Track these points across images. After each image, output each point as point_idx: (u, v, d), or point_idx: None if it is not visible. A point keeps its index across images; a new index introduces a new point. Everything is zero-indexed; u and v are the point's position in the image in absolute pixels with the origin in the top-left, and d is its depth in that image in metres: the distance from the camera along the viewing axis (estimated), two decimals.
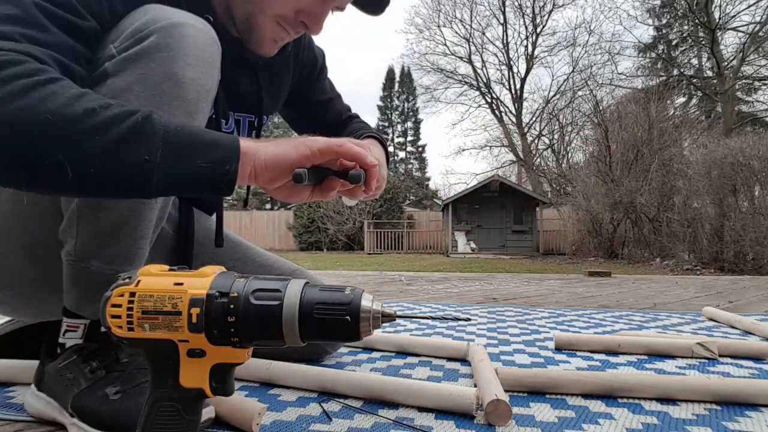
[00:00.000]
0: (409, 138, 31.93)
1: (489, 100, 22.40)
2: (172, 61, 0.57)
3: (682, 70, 18.22)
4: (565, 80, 20.95)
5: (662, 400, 0.72)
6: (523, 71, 21.78)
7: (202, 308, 0.40)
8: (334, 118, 1.05)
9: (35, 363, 0.67)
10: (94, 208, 0.59)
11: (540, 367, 0.94)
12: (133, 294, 0.41)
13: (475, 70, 22.25)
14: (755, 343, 1.04)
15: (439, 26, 22.74)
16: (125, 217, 0.59)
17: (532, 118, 21.63)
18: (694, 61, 18.67)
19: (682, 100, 18.30)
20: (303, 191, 0.58)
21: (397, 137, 31.99)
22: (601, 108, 14.48)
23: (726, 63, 16.37)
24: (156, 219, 0.64)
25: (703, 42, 17.24)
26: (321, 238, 15.63)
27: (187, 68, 0.58)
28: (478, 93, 22.64)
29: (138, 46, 0.57)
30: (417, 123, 31.82)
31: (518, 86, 21.70)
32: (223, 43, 0.69)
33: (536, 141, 21.42)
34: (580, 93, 19.01)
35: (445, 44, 22.64)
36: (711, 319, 1.53)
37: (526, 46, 21.75)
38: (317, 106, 1.02)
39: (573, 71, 20.57)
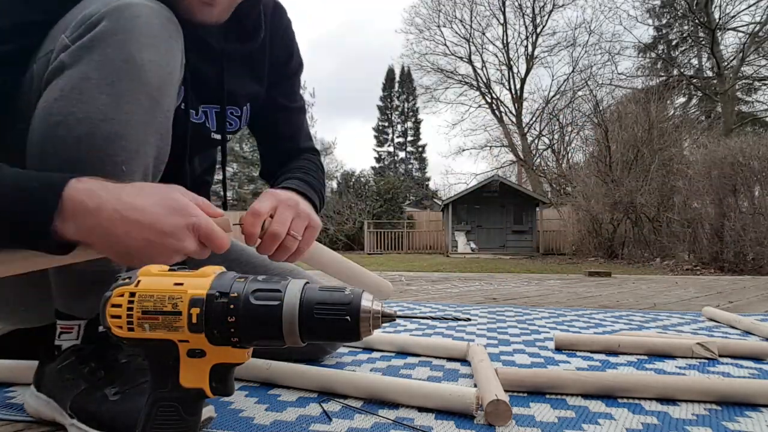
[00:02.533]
0: (409, 138, 31.96)
1: (489, 100, 22.41)
2: (128, 43, 0.54)
3: (682, 70, 18.22)
4: (565, 80, 20.97)
5: (662, 400, 0.72)
6: (523, 71, 21.80)
7: (202, 308, 0.40)
8: (289, 139, 0.94)
9: (35, 363, 0.67)
10: None
11: (540, 367, 0.94)
12: (133, 294, 0.41)
13: (475, 70, 22.27)
14: (755, 343, 1.04)
15: (439, 26, 22.75)
16: None
17: (532, 118, 21.64)
18: (694, 61, 18.69)
19: (682, 100, 18.31)
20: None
21: (397, 137, 32.01)
22: (601, 108, 14.47)
23: (726, 63, 16.37)
24: None
25: (703, 42, 17.24)
26: (321, 239, 15.56)
27: (144, 49, 0.55)
28: (478, 93, 22.65)
29: (91, 33, 0.54)
30: (417, 123, 31.83)
31: (518, 86, 21.71)
32: (187, 38, 0.66)
33: (536, 141, 21.43)
34: (580, 93, 19.01)
35: (445, 44, 22.65)
36: (711, 319, 1.53)
37: (526, 46, 21.77)
38: (277, 111, 0.91)
39: (573, 71, 20.58)
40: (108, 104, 0.53)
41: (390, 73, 32.03)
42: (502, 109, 22.18)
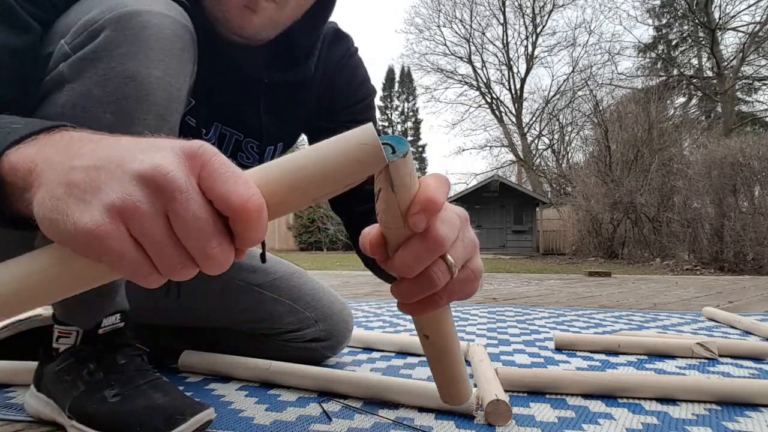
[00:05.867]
0: (409, 138, 31.92)
1: (489, 100, 22.42)
2: (134, 57, 0.49)
3: (682, 70, 18.21)
4: (565, 80, 20.98)
5: (662, 400, 0.72)
6: (523, 71, 21.79)
7: None
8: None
9: (35, 365, 0.66)
10: None
11: (540, 367, 0.94)
12: None
13: (475, 70, 22.28)
14: (755, 343, 1.04)
15: (439, 26, 22.85)
16: None
17: (532, 118, 21.66)
18: (694, 61, 18.67)
19: (682, 100, 18.30)
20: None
21: None
22: (601, 108, 14.50)
23: (726, 63, 16.37)
24: None
25: (703, 42, 17.24)
26: (321, 238, 15.63)
27: (152, 65, 0.50)
28: (478, 93, 22.67)
29: (93, 43, 0.49)
30: (417, 123, 31.83)
31: (518, 86, 21.71)
32: (217, 58, 0.64)
33: (536, 141, 21.45)
34: (580, 93, 19.04)
35: (445, 44, 22.70)
36: (711, 319, 1.53)
37: (526, 46, 21.77)
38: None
39: (573, 71, 20.59)
40: (113, 124, 0.49)
41: (390, 73, 32.05)
42: (502, 109, 22.19)
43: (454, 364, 0.44)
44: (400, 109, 32.10)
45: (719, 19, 15.85)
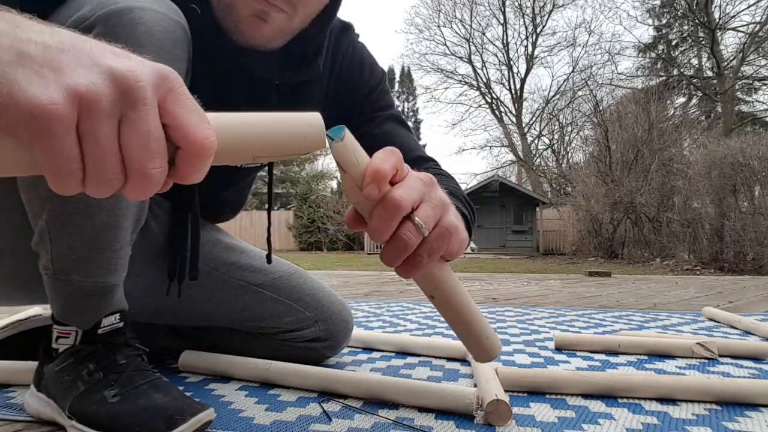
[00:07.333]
0: None
1: (489, 100, 22.42)
2: None
3: (682, 70, 18.21)
4: (565, 80, 20.98)
5: (662, 400, 0.72)
6: (523, 71, 21.79)
7: None
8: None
9: (35, 364, 0.66)
10: (63, 224, 0.54)
11: (540, 367, 0.94)
12: None
13: (475, 70, 22.28)
14: (755, 343, 1.04)
15: (439, 26, 22.85)
16: (101, 231, 0.56)
17: (532, 118, 21.66)
18: (694, 61, 18.68)
19: (682, 100, 18.31)
20: None
21: None
22: (601, 108, 14.49)
23: (726, 63, 16.37)
24: (133, 223, 0.60)
25: (703, 42, 17.24)
26: (321, 238, 15.63)
27: None
28: (478, 93, 22.67)
29: None
30: (417, 123, 31.84)
31: (518, 86, 21.71)
32: (228, 63, 0.65)
33: (536, 141, 21.45)
34: (580, 93, 19.04)
35: (445, 44, 22.68)
36: (711, 319, 1.53)
37: (526, 46, 21.77)
38: (373, 139, 0.80)
39: (573, 71, 20.59)
40: None
41: (390, 73, 32.03)
42: (502, 109, 22.19)
43: (467, 321, 0.46)
44: (400, 109, 31.93)
45: (719, 19, 15.86)
